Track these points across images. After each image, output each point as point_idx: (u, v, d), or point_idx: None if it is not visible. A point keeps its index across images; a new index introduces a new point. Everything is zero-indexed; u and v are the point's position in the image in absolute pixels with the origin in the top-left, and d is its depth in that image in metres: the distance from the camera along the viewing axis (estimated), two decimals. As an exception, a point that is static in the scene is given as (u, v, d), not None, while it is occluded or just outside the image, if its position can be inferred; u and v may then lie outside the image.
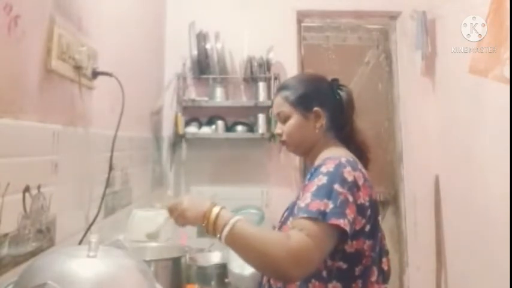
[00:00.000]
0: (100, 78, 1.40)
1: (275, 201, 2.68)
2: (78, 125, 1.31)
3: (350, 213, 0.95)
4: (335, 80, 1.23)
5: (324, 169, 1.03)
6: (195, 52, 2.56)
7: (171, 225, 1.15)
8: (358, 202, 0.99)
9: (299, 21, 2.88)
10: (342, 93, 1.20)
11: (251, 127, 2.63)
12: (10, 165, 0.92)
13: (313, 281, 1.01)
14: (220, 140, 2.64)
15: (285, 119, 1.19)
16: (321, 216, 0.92)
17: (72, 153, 1.25)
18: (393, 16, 2.90)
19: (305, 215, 0.93)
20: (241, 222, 0.95)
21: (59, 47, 1.14)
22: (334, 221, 0.91)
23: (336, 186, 0.97)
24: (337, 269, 1.02)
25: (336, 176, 0.99)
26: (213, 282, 1.58)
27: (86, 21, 1.35)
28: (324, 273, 1.01)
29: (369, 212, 1.02)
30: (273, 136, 2.57)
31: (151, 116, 2.42)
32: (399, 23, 2.89)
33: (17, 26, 0.94)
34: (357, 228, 0.99)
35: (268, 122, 2.58)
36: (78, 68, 1.25)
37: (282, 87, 1.23)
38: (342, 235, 0.94)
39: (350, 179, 1.00)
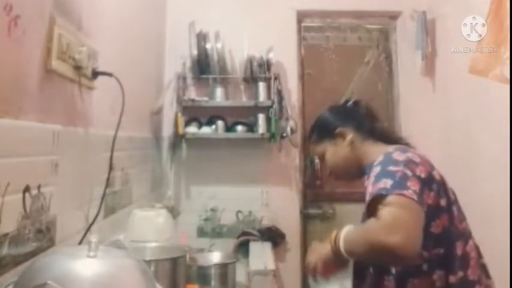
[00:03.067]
0: (100, 78, 1.40)
1: (275, 201, 2.68)
2: (78, 125, 1.31)
3: (413, 185, 0.97)
4: (347, 101, 1.35)
5: (376, 163, 1.08)
6: (195, 52, 2.56)
7: (171, 225, 1.15)
8: (419, 175, 1.02)
9: (299, 21, 2.88)
10: (356, 105, 1.32)
11: (251, 127, 2.63)
12: (10, 165, 0.92)
13: (416, 279, 1.04)
14: (220, 140, 2.64)
15: (323, 157, 1.29)
16: (383, 191, 0.95)
17: (72, 153, 1.25)
18: (393, 16, 2.90)
19: (370, 198, 0.98)
20: (347, 231, 1.02)
21: (59, 47, 1.14)
22: (397, 191, 0.94)
23: (390, 168, 1.01)
24: (437, 257, 1.04)
25: (387, 161, 1.05)
26: (213, 282, 1.58)
27: (86, 21, 1.35)
28: (425, 267, 1.04)
29: (435, 186, 1.05)
30: (273, 136, 2.57)
31: (151, 116, 2.42)
32: (399, 23, 2.89)
33: (17, 26, 0.94)
34: (430, 202, 1.02)
35: (268, 122, 2.58)
36: (78, 68, 1.25)
37: (308, 136, 1.36)
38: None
39: (402, 158, 1.05)
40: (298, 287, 2.68)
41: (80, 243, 1.24)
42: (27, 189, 0.98)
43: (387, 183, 0.96)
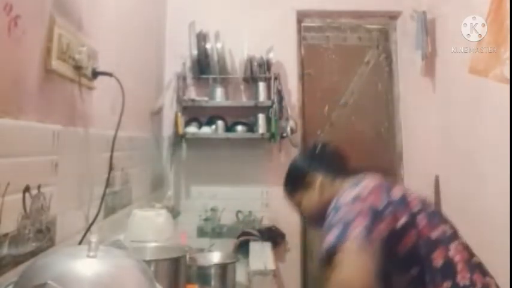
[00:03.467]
0: (100, 78, 1.40)
1: (275, 201, 2.67)
2: (78, 125, 1.31)
3: (358, 225, 0.98)
4: (315, 145, 1.38)
5: (329, 209, 1.10)
6: (195, 52, 2.56)
7: (171, 225, 1.15)
8: (368, 209, 1.02)
9: (299, 21, 2.88)
10: (323, 148, 1.35)
11: (251, 127, 2.63)
12: (10, 165, 0.92)
13: None
14: (220, 140, 2.64)
15: (300, 207, 1.32)
16: (331, 249, 0.97)
17: (72, 153, 1.25)
18: (393, 16, 2.90)
19: (323, 253, 1.00)
20: None
21: (59, 47, 1.14)
22: (341, 244, 0.96)
23: (336, 216, 1.03)
24: (414, 277, 1.03)
25: (335, 207, 1.07)
26: (213, 282, 1.58)
27: (86, 21, 1.35)
28: None
29: (390, 209, 1.04)
30: (273, 136, 2.57)
31: (151, 116, 2.42)
32: (399, 23, 2.89)
33: (17, 26, 0.94)
34: (387, 228, 1.01)
35: (268, 122, 2.58)
36: (78, 68, 1.25)
37: (283, 188, 1.41)
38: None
39: (349, 198, 1.06)
40: (298, 287, 2.68)
41: (80, 243, 1.24)
42: (27, 189, 0.98)
43: (332, 235, 0.99)
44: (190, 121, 2.64)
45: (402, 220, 1.04)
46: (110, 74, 1.40)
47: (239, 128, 2.63)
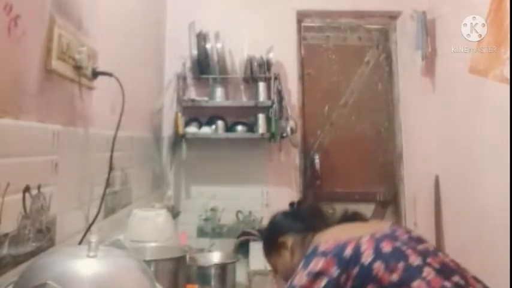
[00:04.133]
0: (100, 78, 1.40)
1: (275, 201, 2.67)
2: (78, 125, 1.31)
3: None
4: (291, 204, 1.37)
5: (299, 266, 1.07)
6: (195, 52, 2.56)
7: (171, 225, 1.15)
8: (344, 256, 1.01)
9: (299, 21, 2.88)
10: (299, 205, 1.34)
11: (251, 127, 2.63)
12: (10, 165, 0.92)
13: None
14: (220, 140, 2.64)
15: (276, 268, 1.28)
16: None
17: (72, 153, 1.25)
18: (393, 16, 2.90)
19: None
20: None
21: (59, 47, 1.14)
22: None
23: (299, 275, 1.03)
24: None
25: (303, 264, 1.05)
26: (213, 282, 1.58)
27: (86, 21, 1.35)
28: None
29: (362, 258, 1.01)
30: (273, 136, 2.57)
31: (151, 116, 2.42)
32: (399, 23, 2.89)
33: (17, 26, 0.94)
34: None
35: (268, 122, 2.58)
36: (78, 68, 1.25)
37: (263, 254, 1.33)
38: None
39: (318, 267, 1.01)
40: (298, 287, 2.68)
41: (80, 243, 1.24)
42: (27, 189, 0.98)
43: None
44: (190, 121, 2.64)
45: (354, 274, 1.01)
46: (110, 74, 1.40)
47: (239, 128, 2.63)
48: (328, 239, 1.08)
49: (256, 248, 2.26)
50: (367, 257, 1.02)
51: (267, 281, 1.79)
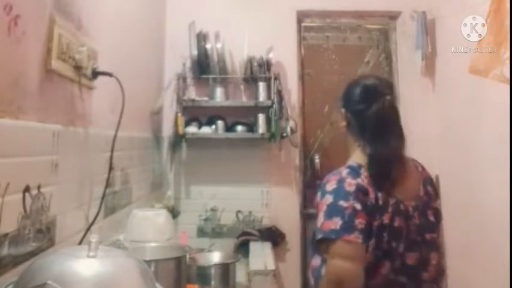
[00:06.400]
0: (100, 78, 1.40)
1: (275, 201, 2.68)
2: (78, 125, 1.31)
3: (360, 222, 1.06)
4: (376, 86, 1.24)
5: (328, 187, 1.14)
6: (195, 52, 2.56)
7: (171, 225, 1.16)
8: (368, 204, 1.09)
9: (299, 21, 2.88)
10: (374, 104, 1.20)
11: (251, 127, 2.63)
12: (10, 165, 0.92)
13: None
14: (220, 140, 2.64)
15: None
16: (333, 235, 1.06)
17: (72, 153, 1.25)
18: (393, 16, 2.90)
19: (321, 236, 1.08)
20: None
21: (59, 47, 1.14)
22: (346, 237, 1.05)
23: (341, 203, 1.08)
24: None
25: (340, 192, 1.11)
26: (213, 282, 1.58)
27: (86, 21, 1.35)
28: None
29: (380, 210, 1.10)
30: (273, 136, 2.57)
31: (151, 116, 2.42)
32: (399, 23, 2.89)
33: (17, 26, 0.94)
34: (385, 222, 1.09)
35: (268, 122, 2.58)
36: (78, 68, 1.25)
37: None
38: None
39: (352, 189, 1.10)
40: (298, 287, 2.68)
41: (80, 243, 1.24)
42: (27, 189, 0.98)
43: (337, 223, 1.06)
44: (190, 121, 2.64)
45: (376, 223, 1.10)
46: (110, 74, 1.40)
47: (239, 128, 2.63)
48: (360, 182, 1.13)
49: (256, 248, 2.27)
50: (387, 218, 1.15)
51: (267, 281, 1.79)
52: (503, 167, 1.92)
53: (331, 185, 1.13)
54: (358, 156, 1.20)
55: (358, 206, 1.07)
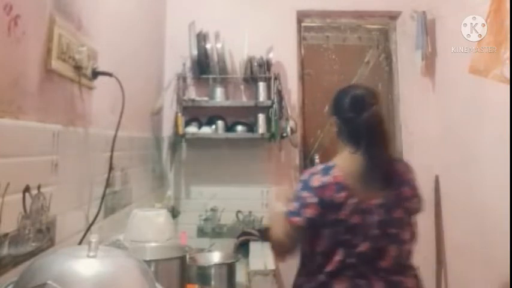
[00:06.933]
0: (100, 78, 1.40)
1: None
2: (78, 125, 1.31)
3: (310, 212, 1.28)
4: (365, 97, 1.36)
5: (302, 178, 1.37)
6: (195, 52, 2.56)
7: (171, 225, 1.16)
8: (326, 200, 1.27)
9: (299, 21, 2.88)
10: (363, 113, 1.32)
11: (251, 127, 2.63)
12: (10, 165, 0.92)
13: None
14: (220, 140, 2.64)
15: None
16: (288, 215, 1.31)
17: (72, 153, 1.25)
18: (393, 16, 2.90)
19: (284, 211, 1.34)
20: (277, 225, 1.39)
21: (59, 47, 1.14)
22: (293, 219, 1.30)
23: (303, 193, 1.31)
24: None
25: (306, 184, 1.32)
26: (213, 282, 1.58)
27: (86, 21, 1.35)
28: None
29: (337, 207, 1.28)
30: (273, 136, 2.57)
31: (151, 116, 2.42)
32: (399, 23, 2.89)
33: (17, 26, 0.94)
34: (342, 218, 1.27)
35: (268, 122, 2.58)
36: (78, 68, 1.25)
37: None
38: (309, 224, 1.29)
39: (316, 184, 1.30)
40: (298, 287, 2.67)
41: (80, 243, 1.24)
42: (27, 189, 0.98)
43: (294, 207, 1.31)
44: (190, 121, 2.64)
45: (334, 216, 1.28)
46: (109, 74, 1.40)
47: (239, 128, 2.63)
48: (328, 180, 1.32)
49: (256, 248, 2.27)
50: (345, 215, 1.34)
51: (267, 281, 1.79)
52: (503, 167, 1.92)
53: (304, 177, 1.35)
54: (339, 158, 1.38)
55: (314, 200, 1.27)
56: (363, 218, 1.27)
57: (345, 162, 1.34)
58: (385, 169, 1.33)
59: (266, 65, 2.60)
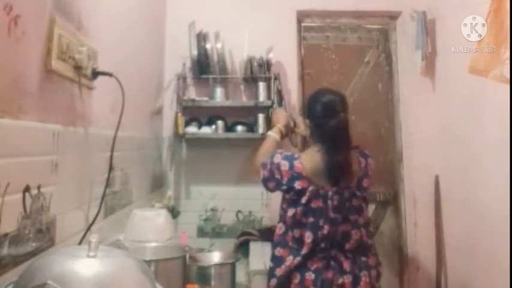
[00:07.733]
0: (100, 78, 1.40)
1: (275, 201, 2.66)
2: (78, 125, 1.31)
3: (274, 175, 1.64)
4: (334, 104, 1.64)
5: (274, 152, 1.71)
6: (195, 52, 2.56)
7: (171, 225, 1.16)
8: (276, 177, 1.62)
9: (299, 21, 2.88)
10: (331, 120, 1.60)
11: (251, 127, 2.63)
12: (10, 165, 0.92)
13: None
14: (220, 140, 2.64)
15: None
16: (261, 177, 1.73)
17: (72, 153, 1.25)
18: (393, 16, 2.90)
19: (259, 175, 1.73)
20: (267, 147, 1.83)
21: (59, 47, 1.14)
22: (261, 170, 1.69)
23: (267, 162, 1.67)
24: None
25: (271, 159, 1.66)
26: (213, 282, 1.58)
27: (86, 21, 1.35)
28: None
29: (284, 187, 1.62)
30: (273, 136, 2.56)
31: (151, 116, 2.42)
32: (399, 23, 2.89)
33: (17, 26, 0.95)
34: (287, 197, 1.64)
35: (268, 122, 2.58)
36: (78, 68, 1.25)
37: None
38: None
39: (276, 160, 1.63)
40: (298, 287, 2.67)
41: (80, 243, 1.24)
42: (27, 189, 0.98)
43: (263, 174, 1.70)
44: (190, 121, 2.64)
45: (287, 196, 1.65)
46: (109, 74, 1.40)
47: (239, 128, 2.63)
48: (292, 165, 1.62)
49: (256, 248, 2.27)
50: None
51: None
52: (503, 166, 1.92)
53: (274, 153, 1.68)
54: (304, 153, 1.66)
55: (275, 172, 1.63)
56: (324, 202, 1.54)
57: (307, 157, 1.61)
58: (342, 167, 1.57)
59: (266, 65, 2.60)
